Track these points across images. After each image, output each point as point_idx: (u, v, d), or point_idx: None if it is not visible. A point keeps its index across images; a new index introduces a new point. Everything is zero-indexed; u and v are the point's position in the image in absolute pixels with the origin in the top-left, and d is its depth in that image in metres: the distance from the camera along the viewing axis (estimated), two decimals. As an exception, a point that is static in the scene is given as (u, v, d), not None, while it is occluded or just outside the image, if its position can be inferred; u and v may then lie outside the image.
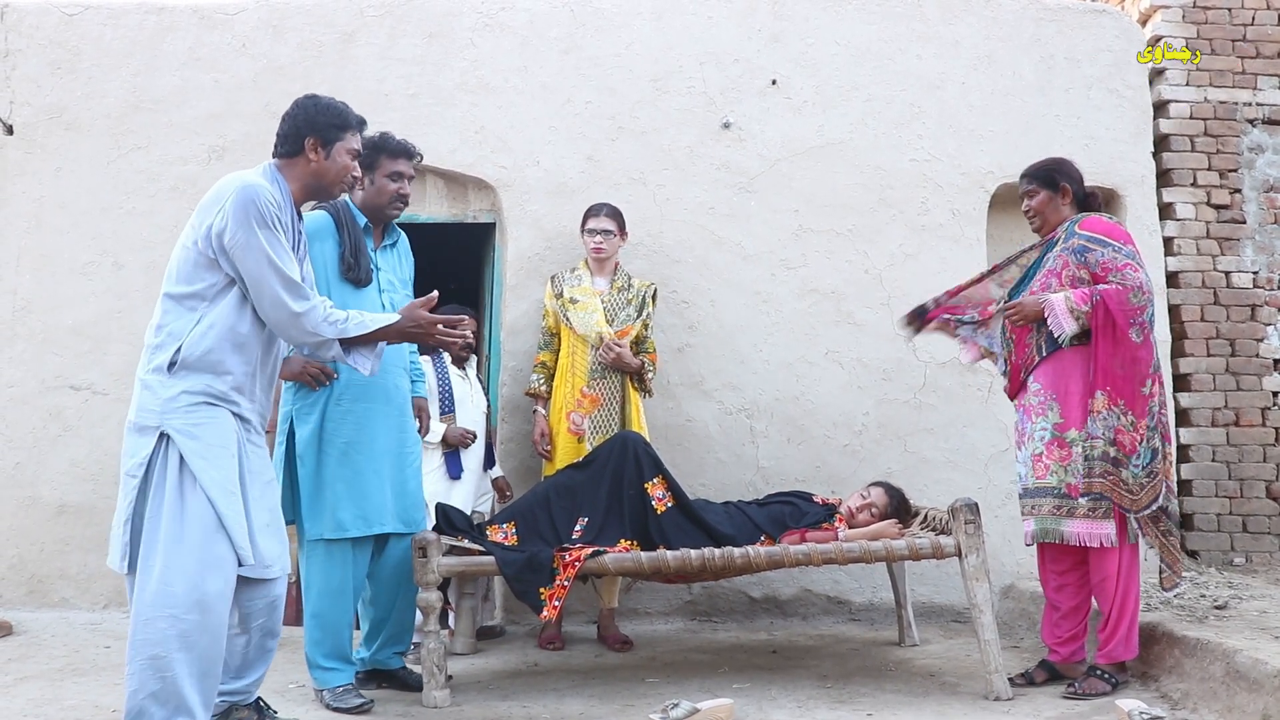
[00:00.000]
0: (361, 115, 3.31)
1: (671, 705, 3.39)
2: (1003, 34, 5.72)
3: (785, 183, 5.53)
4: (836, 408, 5.41)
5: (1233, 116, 5.85)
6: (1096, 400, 3.69)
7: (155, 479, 2.86)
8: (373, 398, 3.79)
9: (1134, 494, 3.65)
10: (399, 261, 4.06)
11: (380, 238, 4.01)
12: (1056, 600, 3.92)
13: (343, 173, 3.21)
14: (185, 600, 2.78)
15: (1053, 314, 3.75)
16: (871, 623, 5.16)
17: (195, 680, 2.80)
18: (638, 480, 4.24)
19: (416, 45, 5.54)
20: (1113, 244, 3.80)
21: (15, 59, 5.51)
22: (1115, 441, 3.66)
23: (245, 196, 2.96)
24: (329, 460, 3.71)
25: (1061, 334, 3.74)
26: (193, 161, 5.42)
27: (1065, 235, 3.90)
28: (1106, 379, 3.69)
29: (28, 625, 4.82)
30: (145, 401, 2.94)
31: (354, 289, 3.78)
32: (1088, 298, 3.72)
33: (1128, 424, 3.66)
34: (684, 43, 5.60)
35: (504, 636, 4.92)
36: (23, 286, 5.37)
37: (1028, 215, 4.05)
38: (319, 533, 3.68)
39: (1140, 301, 3.70)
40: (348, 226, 3.82)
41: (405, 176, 3.94)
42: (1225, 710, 3.31)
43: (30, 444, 5.27)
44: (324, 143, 3.16)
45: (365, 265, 3.82)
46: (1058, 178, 3.98)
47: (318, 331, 3.04)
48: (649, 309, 4.93)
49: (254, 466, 3.03)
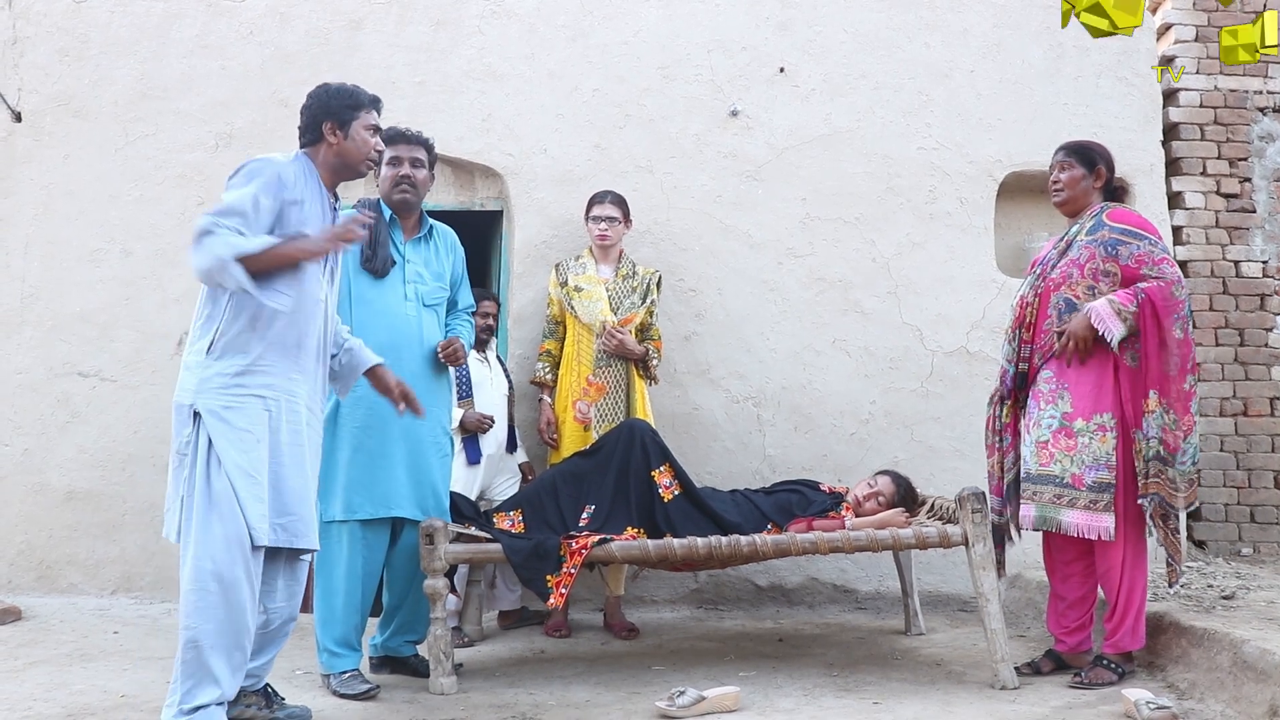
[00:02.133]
0: (375, 94, 3.37)
1: (678, 693, 3.39)
2: (1011, 22, 5.69)
3: (793, 171, 5.52)
4: (843, 396, 5.40)
5: (1243, 105, 5.82)
6: (1150, 400, 3.64)
7: (191, 458, 2.99)
8: None
9: (1180, 491, 3.64)
10: (434, 254, 4.06)
11: (413, 230, 4.02)
12: (1062, 590, 3.92)
13: (365, 148, 3.29)
14: (211, 576, 2.92)
15: (1099, 320, 3.67)
16: (878, 611, 5.16)
17: (223, 654, 2.93)
18: (644, 468, 4.23)
19: (424, 32, 5.53)
20: (1147, 237, 3.75)
21: (23, 46, 5.51)
22: (1163, 442, 3.64)
23: (251, 160, 3.14)
24: (342, 444, 3.76)
25: (1112, 338, 3.66)
26: (200, 149, 5.42)
27: (1093, 225, 3.84)
28: (1157, 379, 3.65)
29: (36, 611, 4.84)
30: (185, 381, 3.07)
31: (372, 278, 3.84)
32: (1132, 298, 3.67)
33: (1171, 423, 3.64)
34: (692, 30, 5.59)
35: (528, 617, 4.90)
36: (31, 273, 5.38)
37: (1054, 187, 3.96)
38: (330, 514, 3.73)
39: (1181, 295, 3.68)
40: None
41: (404, 160, 3.96)
42: (1232, 700, 3.31)
43: (38, 431, 5.28)
44: (340, 124, 3.25)
45: (383, 255, 3.86)
46: (1097, 159, 3.93)
47: (215, 251, 2.88)
48: (654, 296, 4.92)
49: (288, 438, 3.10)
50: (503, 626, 4.86)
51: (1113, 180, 3.98)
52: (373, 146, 3.31)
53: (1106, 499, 3.65)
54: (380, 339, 3.67)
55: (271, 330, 3.08)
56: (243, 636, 2.97)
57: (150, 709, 3.31)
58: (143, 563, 5.19)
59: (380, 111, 3.37)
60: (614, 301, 4.82)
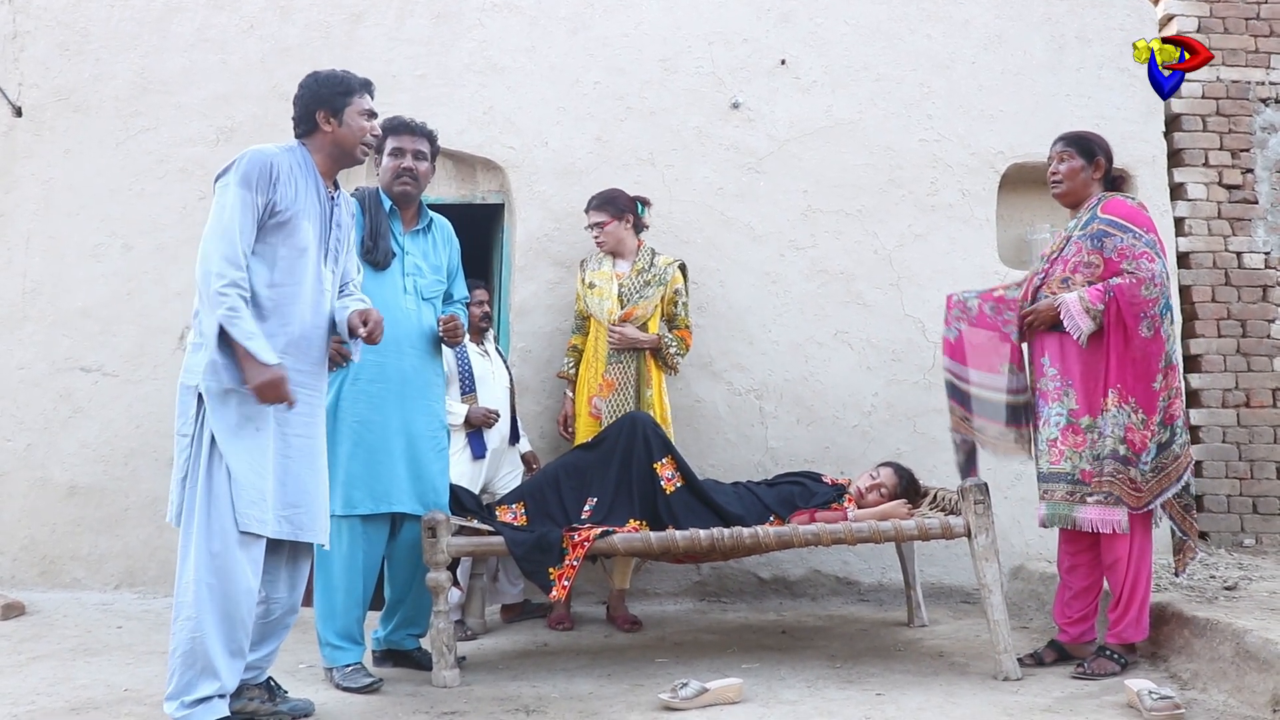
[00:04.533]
0: (365, 78, 3.36)
1: (681, 685, 3.39)
2: (1013, 13, 5.68)
3: (794, 163, 5.51)
4: (845, 388, 5.40)
5: (1245, 96, 5.82)
6: (1108, 398, 3.66)
7: (195, 442, 2.99)
8: (388, 379, 3.81)
9: (1139, 492, 3.64)
10: (432, 247, 4.05)
11: (412, 222, 4.02)
12: (1069, 579, 3.92)
13: (361, 134, 3.29)
14: (211, 566, 2.92)
15: (1068, 314, 3.70)
16: (880, 603, 5.16)
17: (223, 644, 2.93)
18: (646, 460, 4.23)
19: (424, 26, 5.52)
20: (1134, 229, 3.73)
21: (24, 41, 5.51)
22: (1125, 440, 3.64)
23: (243, 155, 3.11)
24: (342, 438, 3.75)
25: (1079, 334, 3.69)
26: (201, 143, 5.42)
27: (1087, 219, 3.83)
28: (1118, 377, 3.66)
29: (40, 606, 4.85)
30: (190, 362, 3.06)
31: (374, 270, 3.82)
32: (1102, 295, 3.67)
33: (1138, 422, 3.64)
34: (693, 22, 5.58)
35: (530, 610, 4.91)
36: (32, 269, 5.38)
37: (1052, 178, 3.95)
38: (330, 509, 3.69)
39: (1151, 294, 3.65)
40: (371, 211, 3.88)
41: (406, 152, 3.94)
42: (1235, 690, 3.31)
43: (41, 426, 5.28)
44: (333, 111, 3.25)
45: (384, 248, 3.85)
46: (1096, 150, 3.92)
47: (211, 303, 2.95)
48: (676, 285, 4.90)
49: (300, 430, 3.13)
50: (505, 619, 4.87)
51: (1111, 170, 3.97)
52: (368, 131, 3.30)
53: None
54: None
55: (273, 320, 3.08)
56: (241, 628, 2.97)
57: (153, 703, 3.31)
58: (146, 557, 5.19)
59: (372, 95, 3.36)
60: (625, 296, 4.81)
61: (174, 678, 2.92)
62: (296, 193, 3.14)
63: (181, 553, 2.97)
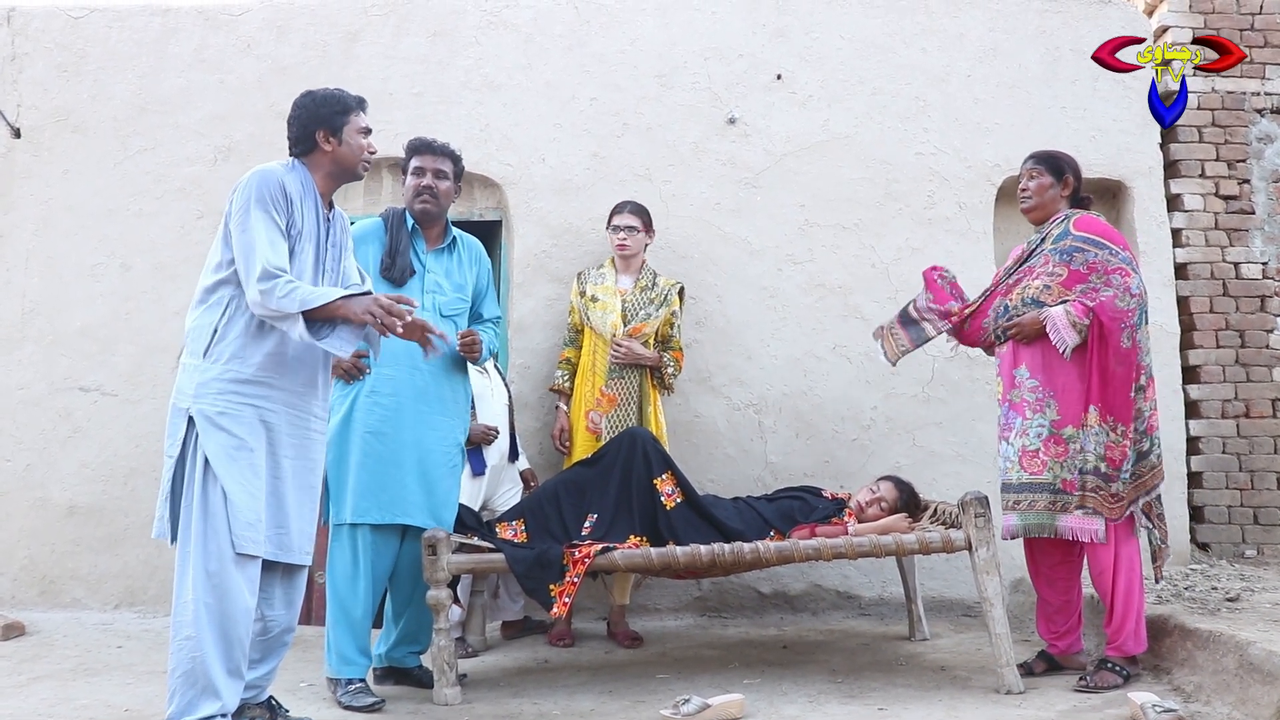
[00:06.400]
0: (360, 95, 3.37)
1: (683, 700, 3.39)
2: (1007, 26, 5.71)
3: (791, 177, 5.53)
4: (844, 402, 5.40)
5: (1241, 106, 5.82)
6: (1089, 414, 3.70)
7: (189, 463, 3.00)
8: (404, 393, 3.83)
9: (1119, 501, 3.67)
10: (456, 265, 4.07)
11: (436, 240, 4.05)
12: (1048, 595, 3.95)
13: (360, 151, 3.30)
14: (208, 586, 2.93)
15: (1054, 328, 3.73)
16: (881, 617, 5.15)
17: (222, 664, 2.93)
18: (646, 476, 4.22)
19: (421, 44, 5.54)
20: (1110, 246, 3.81)
21: (22, 62, 5.53)
22: (1105, 457, 3.68)
23: (253, 177, 3.12)
24: (353, 448, 3.77)
25: (1064, 347, 3.72)
26: (199, 163, 5.43)
27: (1059, 235, 3.89)
28: (1100, 394, 3.69)
29: (40, 626, 4.84)
30: (182, 384, 3.07)
31: (392, 287, 3.84)
32: (1086, 310, 3.71)
33: (1117, 438, 3.68)
34: (688, 38, 5.60)
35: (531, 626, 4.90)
36: (31, 289, 5.39)
37: (1022, 194, 4.04)
38: (340, 517, 3.77)
39: (1129, 305, 3.71)
40: (393, 230, 3.94)
41: (427, 171, 3.99)
42: (1239, 702, 3.30)
43: (40, 446, 5.28)
44: (333, 131, 3.26)
45: (401, 265, 3.89)
46: (1065, 169, 4.00)
47: (280, 308, 2.99)
48: (674, 307, 4.91)
49: (290, 453, 3.13)
50: (506, 636, 4.85)
51: (1079, 190, 4.04)
52: (366, 148, 3.32)
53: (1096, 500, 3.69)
54: (396, 347, 3.65)
55: (270, 340, 3.09)
56: (239, 647, 2.97)
57: (154, 723, 3.31)
58: (145, 577, 5.18)
59: (366, 111, 3.36)
60: (629, 312, 4.81)
61: (175, 697, 2.92)
62: (303, 215, 3.17)
63: (179, 573, 2.98)
